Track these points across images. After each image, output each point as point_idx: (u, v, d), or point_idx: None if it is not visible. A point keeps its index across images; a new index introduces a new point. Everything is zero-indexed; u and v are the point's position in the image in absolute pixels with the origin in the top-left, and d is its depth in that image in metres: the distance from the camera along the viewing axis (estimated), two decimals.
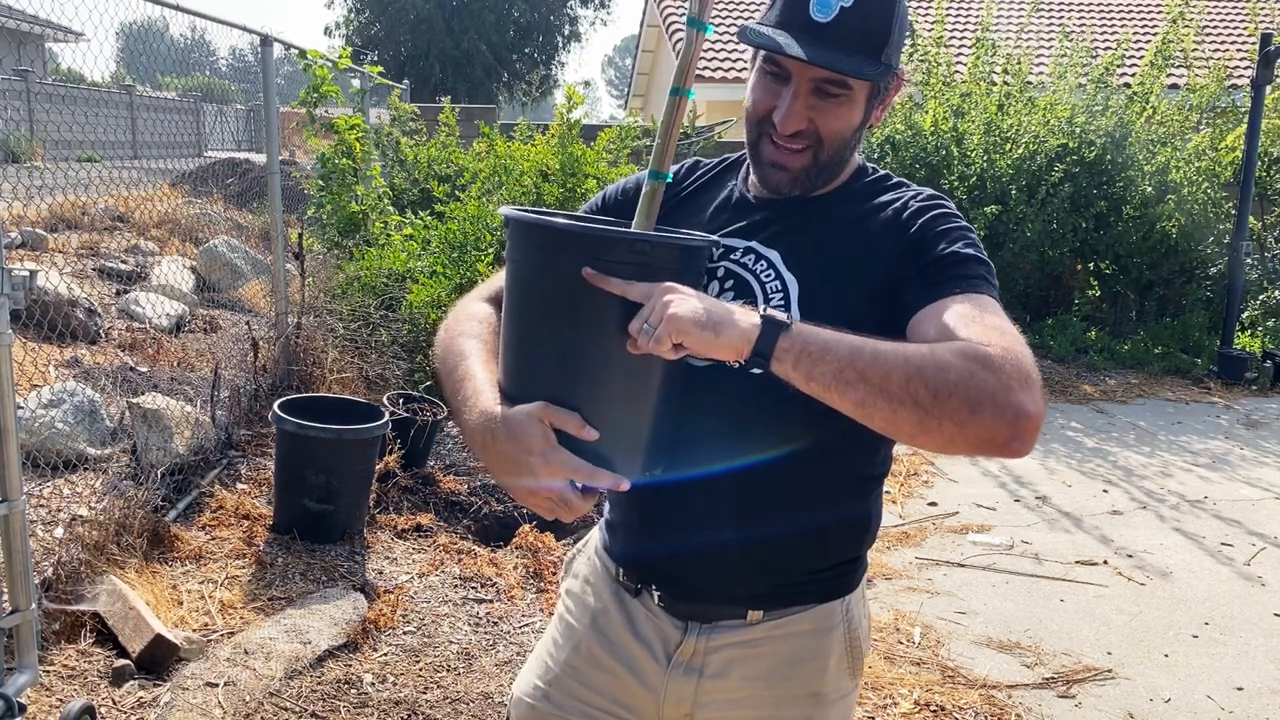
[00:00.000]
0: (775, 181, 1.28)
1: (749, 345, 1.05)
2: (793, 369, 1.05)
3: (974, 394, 1.00)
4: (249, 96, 20.36)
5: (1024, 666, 3.28)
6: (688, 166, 1.47)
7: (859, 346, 1.04)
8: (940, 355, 1.03)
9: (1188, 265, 8.59)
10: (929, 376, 1.01)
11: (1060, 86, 8.38)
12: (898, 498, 4.83)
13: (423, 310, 5.39)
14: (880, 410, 1.03)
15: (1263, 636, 3.54)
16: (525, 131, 7.62)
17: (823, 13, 1.19)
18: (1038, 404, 1.01)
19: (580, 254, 1.11)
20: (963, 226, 1.24)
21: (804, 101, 1.23)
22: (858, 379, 1.03)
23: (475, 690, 2.86)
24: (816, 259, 1.26)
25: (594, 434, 1.12)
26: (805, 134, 1.24)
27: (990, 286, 1.17)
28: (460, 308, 1.40)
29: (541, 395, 1.14)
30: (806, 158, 1.26)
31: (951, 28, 11.83)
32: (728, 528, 1.29)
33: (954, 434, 1.01)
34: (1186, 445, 5.93)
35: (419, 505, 4.14)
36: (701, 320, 1.05)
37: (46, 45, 20.52)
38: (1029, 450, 1.02)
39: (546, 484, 1.13)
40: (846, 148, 1.28)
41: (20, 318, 4.36)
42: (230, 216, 9.85)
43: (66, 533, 3.26)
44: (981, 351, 1.03)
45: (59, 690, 2.62)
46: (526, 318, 1.18)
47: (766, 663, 1.32)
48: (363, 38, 27.59)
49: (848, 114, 1.24)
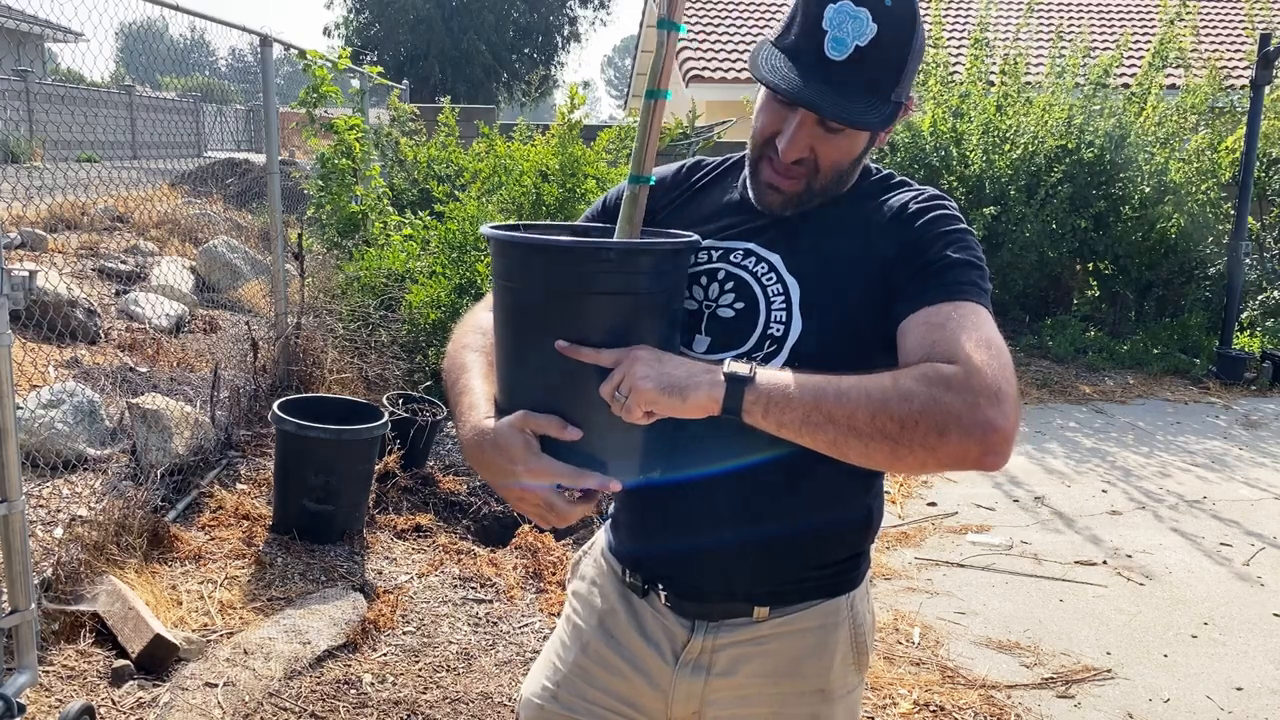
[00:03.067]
0: (769, 202, 1.30)
1: (717, 404, 1.09)
2: (763, 419, 1.08)
3: (939, 418, 1.02)
4: (248, 97, 20.35)
5: (1023, 666, 3.28)
6: (690, 165, 1.47)
7: (822, 388, 1.06)
8: (903, 384, 1.05)
9: (1187, 265, 8.60)
10: (893, 408, 1.03)
11: (1058, 87, 8.38)
12: (897, 498, 4.83)
13: (422, 310, 5.39)
14: (853, 447, 1.06)
15: (1262, 636, 3.54)
16: (525, 132, 7.62)
17: (838, 51, 1.17)
18: (1008, 418, 1.03)
19: (549, 266, 1.14)
20: (959, 230, 1.24)
21: (808, 131, 1.22)
22: (825, 421, 1.05)
23: (475, 690, 2.86)
24: (817, 262, 1.27)
25: (576, 433, 1.13)
26: (804, 162, 1.25)
27: (979, 292, 1.17)
28: (467, 319, 1.42)
29: (527, 405, 1.16)
30: (801, 184, 1.27)
31: (950, 28, 11.84)
32: (730, 527, 1.30)
33: (925, 458, 1.04)
34: (1185, 445, 5.93)
35: (419, 505, 4.14)
36: (668, 388, 1.09)
37: (46, 45, 20.52)
38: (1004, 463, 1.05)
39: (533, 490, 1.15)
40: (844, 175, 1.28)
41: (20, 318, 4.36)
42: (230, 217, 9.85)
43: (66, 533, 3.26)
44: (944, 373, 1.04)
45: (58, 690, 2.63)
46: (509, 331, 1.20)
47: (774, 660, 1.33)
48: (362, 38, 27.60)
49: (849, 146, 1.25)
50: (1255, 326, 8.50)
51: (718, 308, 1.28)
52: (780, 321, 1.24)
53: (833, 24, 1.17)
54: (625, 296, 1.14)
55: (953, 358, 1.06)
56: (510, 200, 5.80)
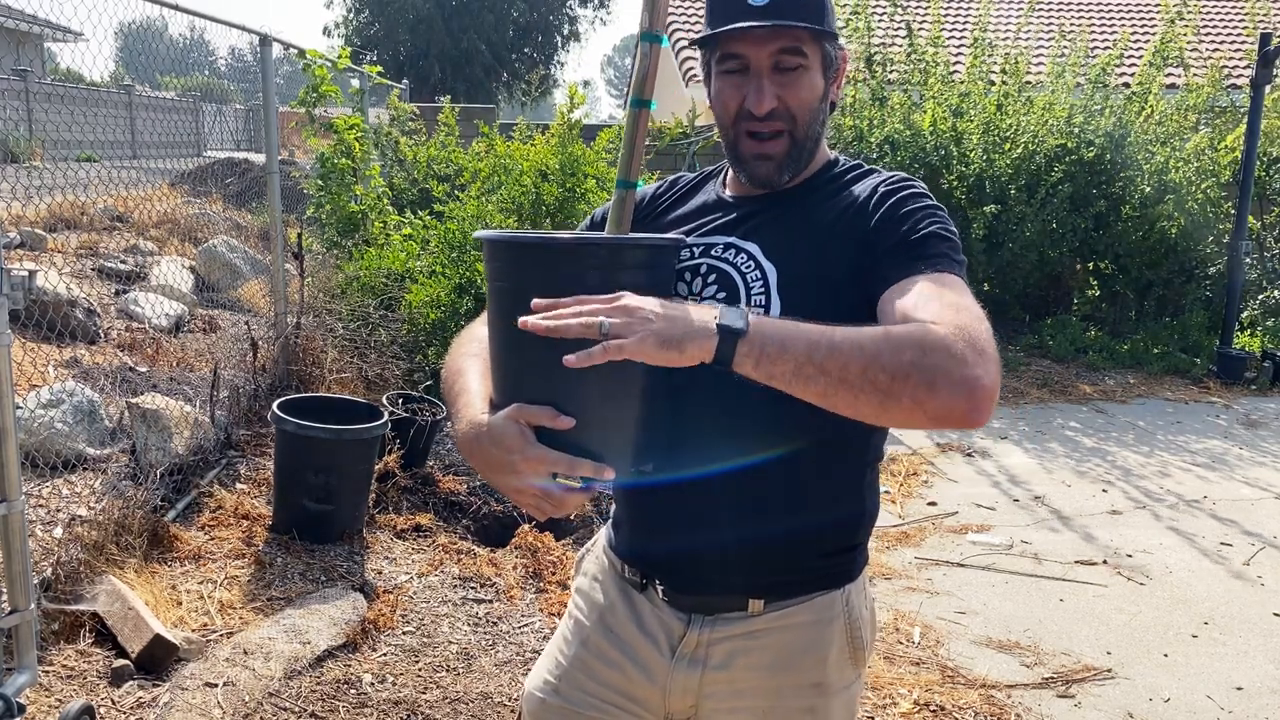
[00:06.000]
0: (763, 174, 1.34)
1: (710, 354, 1.07)
2: (753, 370, 1.08)
3: (929, 373, 1.04)
4: (248, 96, 20.32)
5: (1023, 666, 3.28)
6: (669, 181, 1.53)
7: (815, 340, 1.07)
8: (895, 338, 1.07)
9: (1187, 265, 8.60)
10: (885, 361, 1.05)
11: (1058, 86, 8.38)
12: (897, 498, 4.83)
13: (422, 310, 5.38)
14: (842, 398, 1.07)
15: (1262, 636, 3.54)
16: (524, 131, 7.61)
17: None
18: (991, 375, 1.06)
19: (540, 264, 1.18)
20: (928, 206, 1.28)
21: (769, 80, 1.29)
22: (817, 373, 1.06)
23: (474, 690, 2.86)
24: (792, 247, 1.31)
25: (569, 422, 1.15)
26: (778, 114, 1.30)
27: (952, 263, 1.21)
28: (464, 332, 1.46)
29: (522, 399, 1.19)
30: (785, 142, 1.32)
31: (950, 28, 11.83)
32: (725, 521, 1.32)
33: (913, 411, 1.06)
34: (1185, 445, 5.93)
35: (418, 505, 4.14)
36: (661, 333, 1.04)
37: (45, 45, 20.51)
38: (986, 420, 1.07)
39: (529, 481, 1.17)
40: (816, 122, 1.33)
41: (19, 318, 4.36)
42: (229, 216, 9.84)
43: (66, 533, 3.26)
44: (934, 331, 1.07)
45: (58, 690, 2.62)
46: (503, 329, 1.22)
47: (769, 653, 1.34)
48: (362, 38, 27.60)
49: (810, 84, 1.31)
50: (1255, 326, 8.50)
51: (702, 300, 1.31)
52: (760, 304, 1.28)
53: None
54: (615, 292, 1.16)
55: (938, 320, 1.09)
56: (510, 200, 5.79)
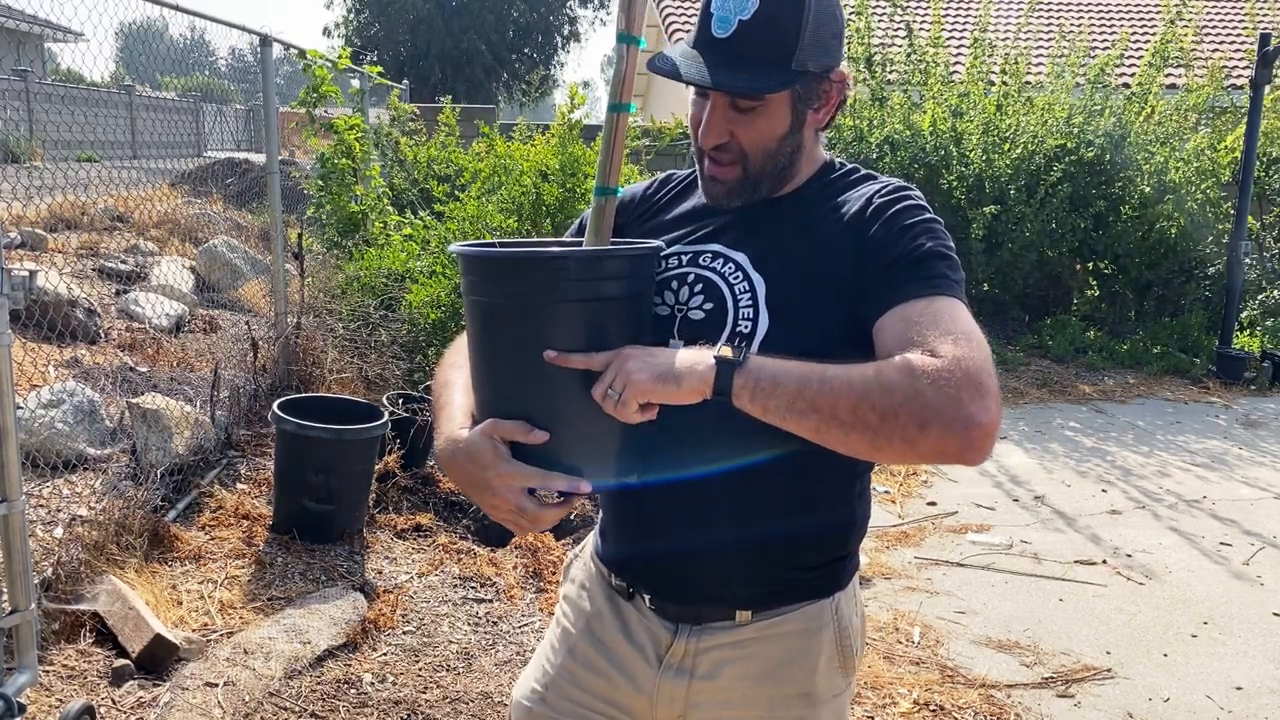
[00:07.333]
0: (714, 194, 1.32)
1: (709, 387, 1.10)
2: (750, 403, 1.09)
3: (920, 412, 1.02)
4: (248, 96, 20.33)
5: (1023, 666, 3.28)
6: (660, 180, 1.48)
7: (806, 376, 1.08)
8: (885, 375, 1.05)
9: (1186, 265, 8.60)
10: (875, 400, 1.04)
11: (1058, 86, 8.38)
12: (897, 498, 4.83)
13: (422, 310, 5.38)
14: (834, 435, 1.07)
15: (1261, 636, 3.54)
16: (525, 131, 7.62)
17: (722, 29, 1.21)
18: (989, 413, 1.02)
19: (515, 278, 1.16)
20: (926, 220, 1.22)
21: (722, 115, 1.25)
22: (809, 409, 1.07)
23: (474, 690, 2.87)
24: (781, 259, 1.27)
25: (542, 436, 1.15)
26: (729, 148, 1.26)
27: (951, 284, 1.16)
28: (455, 342, 1.44)
29: (498, 414, 1.18)
30: (736, 171, 1.28)
31: (950, 28, 11.83)
32: (712, 530, 1.30)
33: (905, 450, 1.05)
34: (1185, 445, 5.93)
35: (419, 505, 4.14)
36: (661, 375, 1.11)
37: (46, 45, 20.51)
38: (985, 458, 1.05)
39: (504, 497, 1.16)
40: (778, 156, 1.28)
41: (20, 318, 4.36)
42: (230, 216, 9.85)
43: (66, 533, 3.26)
44: (928, 366, 1.04)
45: (59, 690, 2.63)
46: (480, 344, 1.21)
47: (757, 663, 1.32)
48: (362, 38, 27.61)
49: (766, 125, 1.25)
50: (1255, 326, 8.50)
51: (688, 311, 1.28)
52: (748, 319, 1.24)
53: (718, 5, 1.22)
54: (592, 303, 1.16)
55: (934, 352, 1.06)
56: (510, 200, 5.79)
